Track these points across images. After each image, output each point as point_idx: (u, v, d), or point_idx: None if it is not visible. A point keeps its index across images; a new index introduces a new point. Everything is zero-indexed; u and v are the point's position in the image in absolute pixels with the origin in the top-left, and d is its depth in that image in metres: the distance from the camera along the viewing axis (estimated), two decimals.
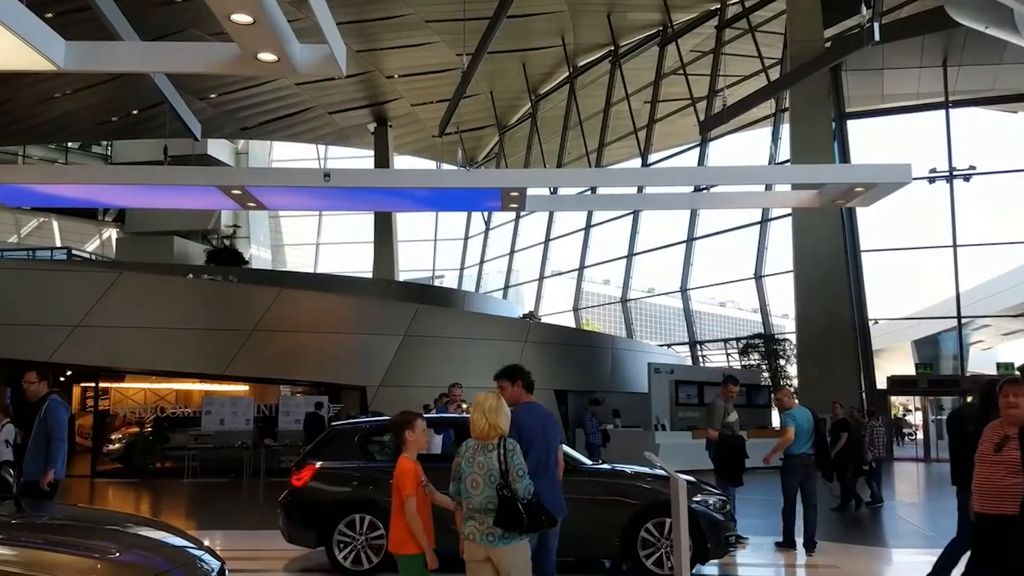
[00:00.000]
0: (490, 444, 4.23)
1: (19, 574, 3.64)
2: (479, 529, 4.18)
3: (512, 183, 8.07)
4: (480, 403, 4.32)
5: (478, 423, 4.27)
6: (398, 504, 4.45)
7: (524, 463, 4.24)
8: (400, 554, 4.49)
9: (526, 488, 4.16)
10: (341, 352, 18.11)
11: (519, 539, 4.18)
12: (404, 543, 4.44)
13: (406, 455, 4.55)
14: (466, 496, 4.23)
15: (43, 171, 14.13)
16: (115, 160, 38.31)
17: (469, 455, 4.27)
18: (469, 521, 4.23)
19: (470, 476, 4.22)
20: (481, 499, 4.17)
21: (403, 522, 4.43)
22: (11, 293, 16.30)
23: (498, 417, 4.27)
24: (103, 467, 17.41)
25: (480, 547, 4.19)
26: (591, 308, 33.79)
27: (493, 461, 4.17)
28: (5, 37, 4.68)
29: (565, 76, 30.61)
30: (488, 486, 4.16)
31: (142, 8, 16.12)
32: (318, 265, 40.57)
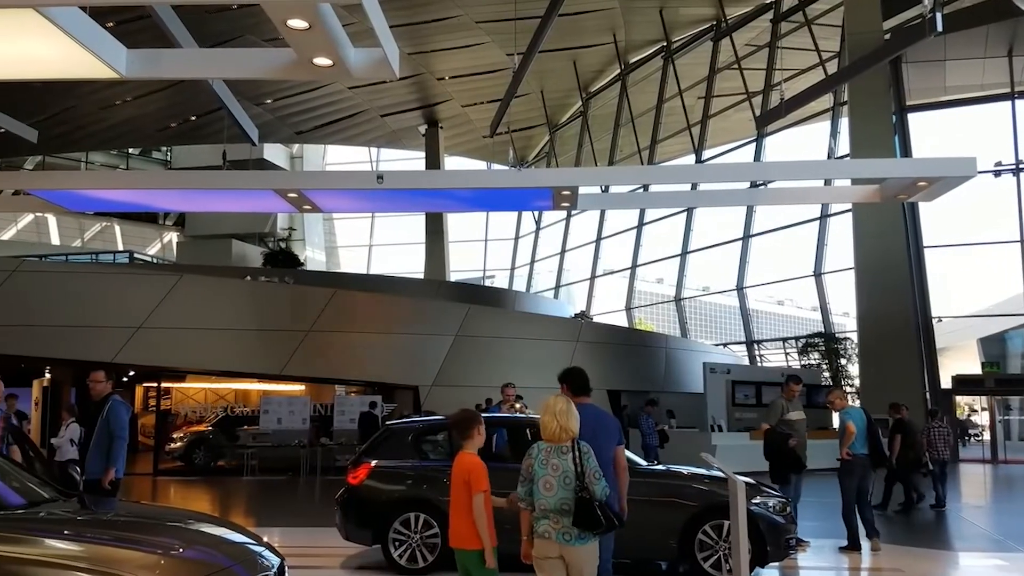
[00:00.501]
0: (564, 446, 4.28)
1: (86, 569, 3.73)
2: (555, 528, 4.23)
3: (563, 182, 8.04)
4: (550, 406, 4.36)
5: (548, 425, 4.32)
6: (464, 500, 4.45)
7: (598, 465, 4.28)
8: (463, 549, 4.49)
9: (603, 490, 4.23)
10: (394, 352, 18.27)
11: (593, 540, 4.24)
12: (469, 539, 4.45)
13: (471, 451, 4.59)
14: (539, 497, 4.26)
15: (105, 177, 14.55)
16: (175, 165, 39.29)
17: (542, 457, 4.31)
18: (542, 520, 4.27)
19: (543, 478, 4.26)
20: (555, 500, 4.21)
21: (469, 518, 4.44)
22: (76, 296, 16.81)
23: (567, 419, 4.31)
24: (165, 465, 17.86)
25: (555, 545, 4.24)
26: (644, 307, 33.49)
27: (568, 463, 4.23)
28: (70, 46, 4.82)
29: (616, 73, 30.41)
30: (562, 488, 4.21)
31: (200, 16, 16.48)
32: (371, 266, 41.05)
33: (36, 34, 4.66)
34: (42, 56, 5.10)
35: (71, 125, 24.88)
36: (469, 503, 4.43)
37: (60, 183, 9.14)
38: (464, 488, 4.46)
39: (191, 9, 12.73)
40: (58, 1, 4.41)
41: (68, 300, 16.65)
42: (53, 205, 9.41)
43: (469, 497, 4.43)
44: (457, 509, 4.50)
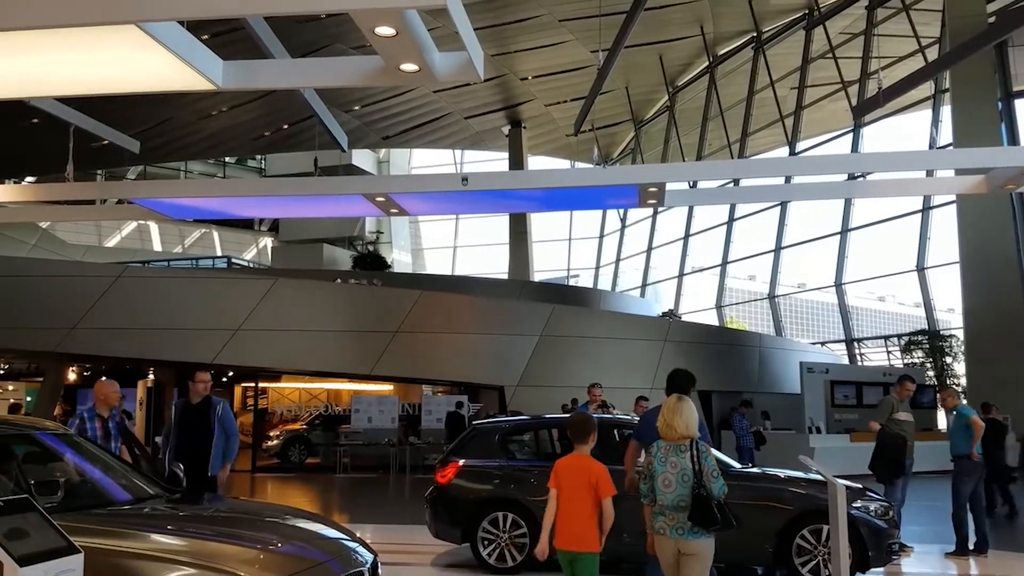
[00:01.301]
0: (683, 445, 4.46)
1: (189, 563, 3.86)
2: (669, 524, 4.42)
3: (650, 178, 7.91)
4: (663, 405, 4.63)
5: (661, 425, 4.56)
6: (584, 501, 4.52)
7: (716, 465, 4.46)
8: (577, 552, 4.52)
9: (720, 488, 4.38)
10: (479, 352, 18.41)
11: (707, 536, 4.39)
12: (586, 541, 4.51)
13: (586, 454, 4.70)
14: (659, 494, 4.44)
15: (203, 185, 15.15)
16: (268, 173, 40.63)
17: (661, 455, 4.50)
18: (659, 517, 4.46)
19: (662, 475, 4.44)
20: (673, 497, 4.39)
21: (588, 520, 4.51)
22: (178, 300, 17.56)
23: (672, 417, 4.50)
24: (262, 462, 18.48)
25: (670, 541, 4.42)
26: (736, 305, 32.75)
27: (686, 462, 4.41)
28: (169, 60, 5.00)
29: (704, 66, 29.84)
30: (681, 485, 4.39)
31: (289, 26, 16.96)
32: (455, 267, 41.51)
33: (137, 49, 4.86)
34: (143, 70, 5.32)
35: (170, 136, 26.00)
36: (589, 505, 4.50)
37: (161, 192, 9.55)
38: (586, 490, 4.53)
39: (282, 19, 13.12)
40: (157, 16, 4.58)
41: (170, 304, 17.40)
42: (155, 213, 9.84)
43: (589, 499, 4.50)
44: (573, 511, 4.53)
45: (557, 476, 4.67)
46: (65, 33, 4.63)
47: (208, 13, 4.68)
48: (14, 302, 16.77)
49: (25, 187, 13.06)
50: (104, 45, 4.88)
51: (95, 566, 3.57)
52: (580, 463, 4.63)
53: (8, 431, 5.07)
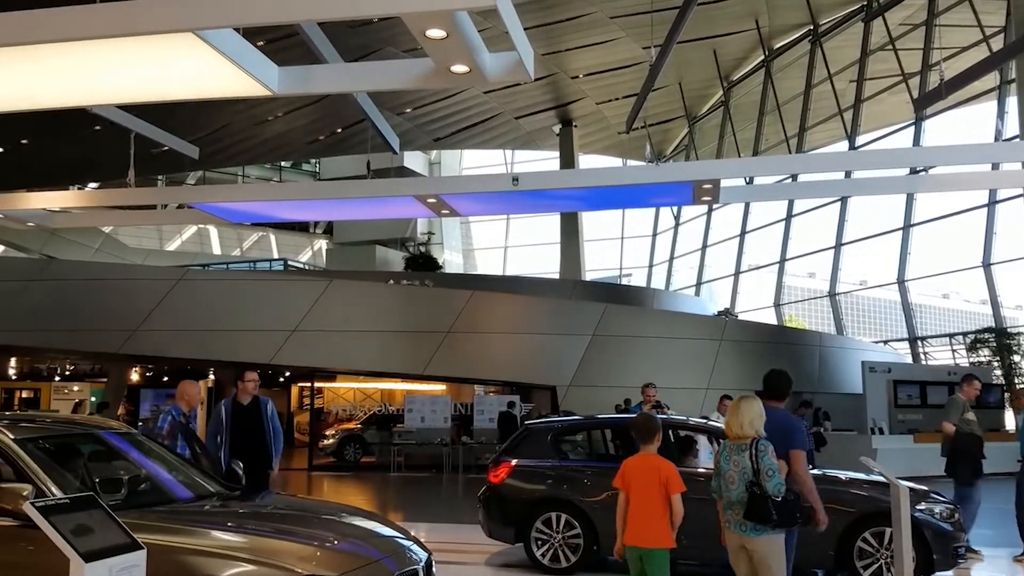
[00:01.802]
0: (743, 444, 4.68)
1: (248, 559, 3.94)
2: (734, 519, 4.69)
3: (704, 175, 7.84)
4: (730, 406, 4.88)
5: (725, 425, 4.86)
6: (655, 499, 4.73)
7: (775, 463, 4.62)
8: (652, 547, 4.73)
9: (775, 487, 4.55)
10: (531, 352, 18.40)
11: (771, 532, 4.61)
12: (661, 537, 4.72)
13: (653, 453, 4.91)
14: (725, 491, 4.73)
15: (260, 189, 15.43)
16: (322, 176, 41.25)
17: (726, 454, 4.79)
18: (727, 511, 4.75)
19: (727, 473, 4.73)
20: (736, 494, 4.65)
21: (660, 518, 4.73)
22: (236, 302, 17.93)
23: (733, 417, 4.75)
24: (319, 461, 18.76)
25: (735, 535, 4.71)
26: (794, 303, 32.12)
27: (746, 460, 4.64)
28: (226, 66, 5.11)
29: (760, 60, 29.33)
30: (742, 482, 4.63)
31: (342, 30, 17.20)
32: (506, 267, 41.58)
33: (195, 56, 4.97)
34: (200, 77, 5.45)
35: (228, 141, 26.54)
36: (659, 503, 4.72)
37: (219, 196, 9.78)
38: (656, 488, 4.74)
39: (335, 24, 13.30)
40: (212, 23, 4.68)
41: (229, 306, 17.78)
42: (214, 217, 10.08)
43: (659, 497, 4.72)
44: (643, 508, 4.76)
45: (625, 475, 4.91)
46: (125, 42, 4.76)
47: (262, 20, 4.76)
48: (79, 305, 17.32)
49: (89, 193, 13.51)
50: (163, 53, 5.00)
51: (157, 562, 3.66)
52: (649, 462, 4.85)
53: (74, 430, 5.23)
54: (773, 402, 5.30)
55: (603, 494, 7.35)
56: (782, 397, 5.44)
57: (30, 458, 4.25)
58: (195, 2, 4.56)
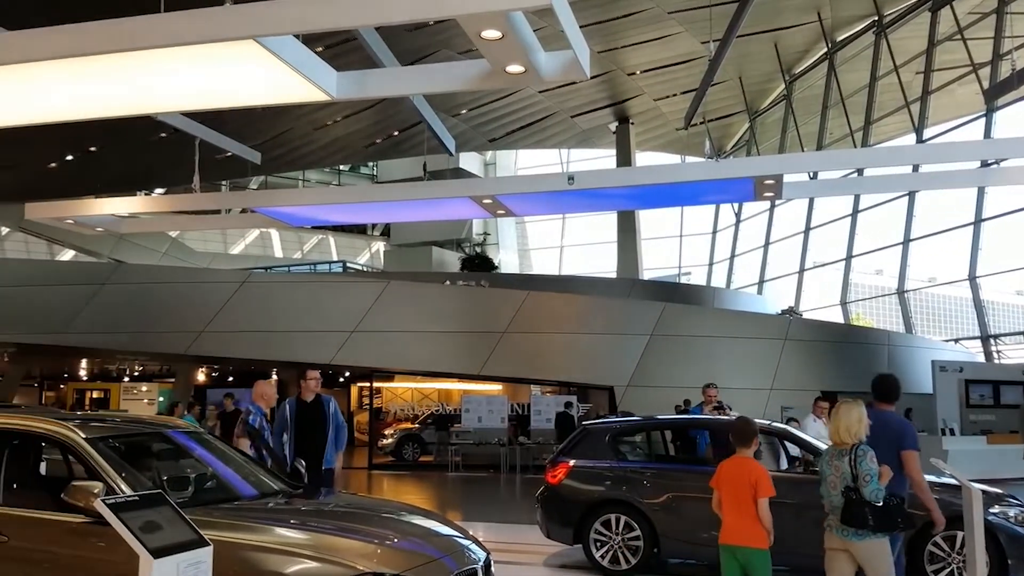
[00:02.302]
0: (844, 449, 4.76)
1: (309, 556, 4.00)
2: (835, 524, 4.76)
3: (766, 170, 7.68)
4: (833, 410, 4.93)
5: (831, 428, 4.91)
6: (750, 500, 4.83)
7: (874, 468, 4.65)
8: (750, 547, 4.85)
9: (872, 492, 4.60)
10: (587, 352, 18.31)
11: (873, 537, 4.66)
12: (757, 537, 4.83)
13: (749, 456, 5.04)
14: (827, 495, 4.81)
15: (320, 193, 15.68)
16: (380, 179, 41.73)
17: (828, 458, 4.88)
18: (830, 516, 4.83)
19: (829, 477, 4.81)
20: (837, 498, 4.73)
21: (754, 519, 4.83)
22: (298, 303, 18.26)
23: (835, 421, 4.82)
24: (378, 460, 18.99)
25: (836, 539, 4.78)
26: (861, 301, 31.28)
27: (845, 465, 4.72)
28: (285, 72, 5.20)
29: (823, 53, 28.66)
30: (842, 487, 4.72)
31: (398, 34, 17.36)
32: (562, 267, 41.45)
33: (256, 63, 5.07)
34: (262, 83, 5.55)
35: (289, 146, 27.05)
36: (750, 505, 4.84)
37: (280, 200, 9.97)
38: (747, 491, 4.85)
39: (391, 28, 13.44)
40: (273, 31, 4.77)
41: (290, 307, 18.11)
42: (276, 221, 10.27)
43: (750, 500, 4.84)
44: (736, 510, 4.90)
45: (719, 477, 5.08)
46: (189, 51, 4.88)
47: (321, 26, 4.82)
48: (147, 308, 17.85)
49: (156, 199, 13.90)
50: (225, 61, 5.11)
51: (222, 558, 3.73)
52: (742, 465, 4.97)
53: (144, 430, 5.38)
54: (883, 405, 5.37)
55: (663, 496, 7.27)
56: (892, 400, 5.48)
57: (101, 457, 4.38)
58: (256, 10, 4.65)
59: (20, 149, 20.55)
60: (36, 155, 22.43)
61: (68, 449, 4.59)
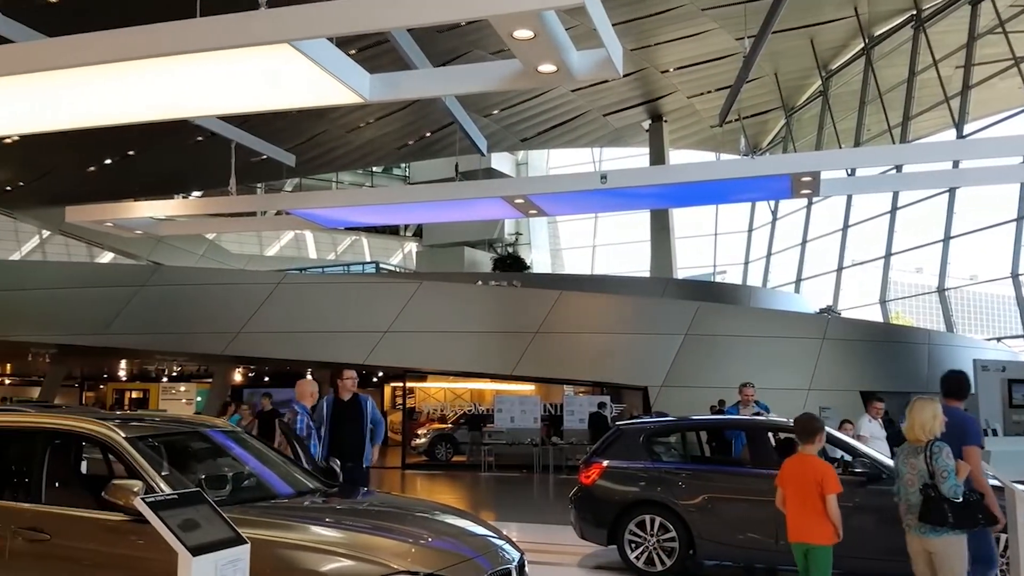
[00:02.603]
0: (919, 446, 4.76)
1: (345, 554, 4.03)
2: (912, 523, 4.76)
3: (803, 167, 7.58)
4: (908, 408, 4.91)
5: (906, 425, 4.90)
6: (815, 497, 4.87)
7: (950, 464, 4.64)
8: (813, 543, 4.90)
9: (950, 489, 4.58)
10: (620, 352, 18.22)
11: (951, 533, 4.63)
12: (821, 534, 4.87)
13: (812, 454, 5.06)
14: (904, 493, 4.82)
15: (353, 195, 15.80)
16: (412, 180, 41.94)
17: (903, 456, 4.89)
18: (908, 515, 4.82)
19: (906, 475, 4.81)
20: (914, 496, 4.73)
21: (821, 515, 4.86)
22: (332, 304, 18.42)
23: (909, 419, 4.81)
24: (411, 460, 19.08)
25: (915, 537, 4.78)
26: (901, 300, 30.75)
27: (921, 463, 4.72)
28: (319, 75, 5.24)
29: (860, 48, 28.22)
30: (919, 484, 4.71)
31: (430, 35, 17.43)
32: (595, 267, 41.30)
33: (290, 66, 5.12)
34: (297, 87, 5.60)
35: (322, 148, 27.28)
36: (818, 502, 4.86)
37: (315, 202, 10.05)
38: (812, 487, 4.87)
39: (423, 30, 13.49)
40: (307, 34, 4.81)
41: (325, 308, 18.27)
42: (310, 223, 10.36)
43: (815, 496, 4.86)
44: (801, 507, 4.93)
45: (783, 474, 5.12)
46: (224, 55, 4.93)
47: (354, 29, 4.85)
48: (185, 309, 18.13)
49: (193, 201, 14.09)
50: (260, 64, 5.17)
51: (259, 556, 3.77)
52: (805, 462, 5.00)
53: (182, 429, 5.46)
54: (952, 401, 5.38)
55: (699, 497, 7.22)
56: (961, 397, 5.53)
57: (140, 455, 4.44)
58: (290, 14, 4.69)
59: (60, 154, 21.00)
60: (76, 159, 22.89)
61: (108, 448, 4.67)
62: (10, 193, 26.84)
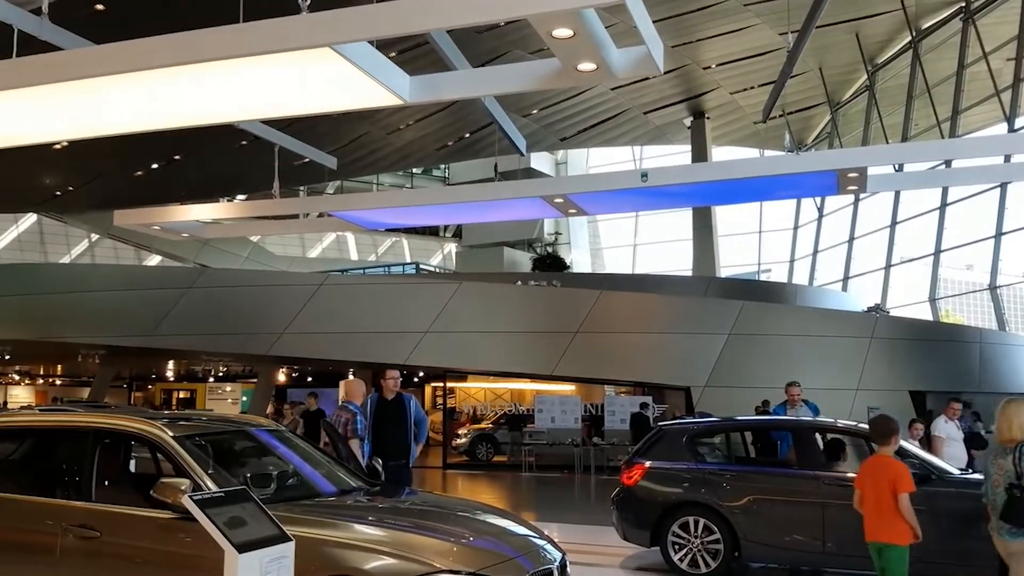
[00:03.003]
0: (1008, 447, 4.70)
1: (387, 552, 4.05)
2: (996, 525, 4.72)
3: (849, 163, 7.45)
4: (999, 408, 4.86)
5: (997, 427, 4.85)
6: (889, 496, 4.88)
7: None
8: (888, 543, 4.91)
9: None
10: (662, 352, 18.07)
11: None
12: (896, 533, 4.88)
13: (888, 454, 5.07)
14: (991, 494, 4.77)
15: (394, 196, 15.91)
16: (452, 181, 42.12)
17: (991, 457, 4.86)
18: (995, 518, 4.75)
19: (993, 476, 4.75)
20: (1001, 496, 4.66)
21: (896, 514, 4.87)
22: (373, 305, 18.56)
23: (1000, 420, 4.75)
24: (452, 459, 19.15)
25: (1000, 540, 4.72)
26: (951, 298, 30.03)
27: (1008, 463, 4.66)
28: (360, 78, 5.27)
29: (907, 41, 27.64)
30: (1006, 484, 4.65)
31: (469, 36, 17.46)
32: (635, 266, 41.05)
33: (331, 69, 5.16)
34: (338, 90, 5.65)
35: (363, 151, 27.50)
36: (890, 502, 4.88)
37: (356, 204, 10.15)
38: (886, 487, 4.90)
39: (462, 31, 13.54)
40: (349, 37, 4.84)
41: (366, 308, 18.42)
42: (351, 224, 10.46)
43: (889, 496, 4.88)
44: (876, 507, 4.96)
45: (861, 475, 5.17)
46: (267, 59, 4.99)
47: (394, 31, 4.88)
48: (230, 310, 18.41)
49: (237, 204, 14.32)
50: (302, 68, 5.22)
51: (303, 553, 3.81)
52: (880, 462, 5.05)
53: (228, 428, 5.54)
54: None
55: (745, 498, 7.12)
56: None
57: (187, 454, 4.52)
58: (332, 18, 4.73)
59: (108, 159, 21.48)
60: (123, 164, 23.39)
61: (156, 447, 4.75)
62: (60, 198, 27.53)
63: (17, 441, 5.28)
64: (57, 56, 5.56)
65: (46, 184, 25.69)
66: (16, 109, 5.90)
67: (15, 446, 5.27)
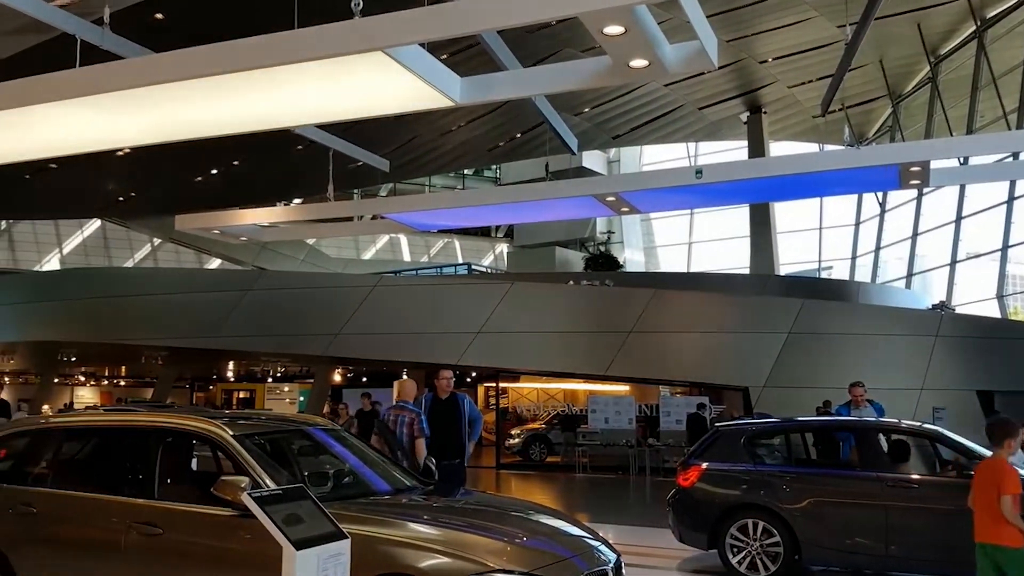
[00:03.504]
0: None
1: (441, 551, 4.07)
2: None
3: (912, 157, 7.26)
4: None
5: None
6: (990, 498, 4.86)
7: None
8: (1000, 545, 4.85)
9: None
10: (719, 352, 17.81)
11: None
12: (1007, 535, 4.83)
13: (1001, 457, 5.01)
14: None
15: (446, 198, 15.98)
16: (503, 181, 42.20)
17: None
18: None
19: None
20: None
21: (1002, 517, 4.82)
22: (426, 305, 18.70)
23: None
24: (505, 460, 19.17)
25: None
26: (1020, 294, 28.99)
27: None
28: (412, 81, 5.31)
29: (971, 31, 26.77)
30: None
31: (520, 36, 17.46)
32: (691, 264, 40.57)
33: (384, 73, 5.21)
34: (390, 93, 5.70)
35: (415, 153, 27.73)
36: (997, 504, 4.82)
37: (408, 206, 10.24)
38: (992, 489, 4.87)
39: (513, 31, 13.55)
40: (401, 40, 4.88)
41: (419, 309, 18.57)
42: (404, 226, 10.56)
43: (997, 497, 4.82)
44: (985, 509, 4.92)
45: (975, 477, 5.15)
46: (321, 65, 5.06)
47: (445, 33, 4.90)
48: (288, 312, 18.75)
49: (294, 208, 14.56)
50: (355, 73, 5.28)
51: (359, 551, 3.85)
52: (991, 464, 5.03)
53: (286, 427, 5.63)
54: None
55: (805, 501, 6.98)
56: None
57: (247, 452, 4.60)
58: (383, 22, 4.77)
59: (170, 165, 22.04)
60: (184, 170, 24.00)
61: (217, 446, 4.85)
62: (123, 203, 28.38)
63: (83, 440, 5.45)
64: (119, 65, 5.72)
65: (109, 190, 26.51)
66: (80, 117, 6.09)
67: (81, 445, 5.44)
